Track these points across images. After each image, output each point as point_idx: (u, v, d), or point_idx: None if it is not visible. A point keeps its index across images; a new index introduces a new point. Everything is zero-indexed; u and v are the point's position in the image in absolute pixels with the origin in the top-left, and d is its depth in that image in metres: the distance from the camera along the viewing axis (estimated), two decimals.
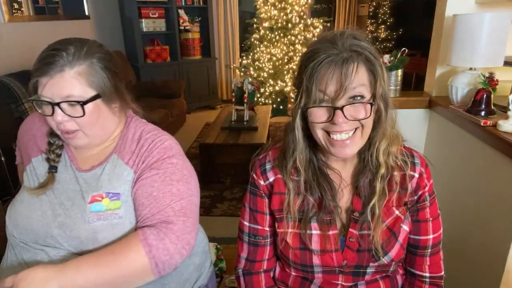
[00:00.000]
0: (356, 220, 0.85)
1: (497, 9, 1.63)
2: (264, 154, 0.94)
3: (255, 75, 5.06)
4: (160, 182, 0.90)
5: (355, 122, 0.77)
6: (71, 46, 0.85)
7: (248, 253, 0.97)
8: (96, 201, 0.90)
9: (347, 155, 0.80)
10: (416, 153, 0.90)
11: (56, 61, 0.83)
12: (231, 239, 1.34)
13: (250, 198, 0.95)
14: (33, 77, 0.85)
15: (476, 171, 1.46)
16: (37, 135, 1.00)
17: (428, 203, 0.89)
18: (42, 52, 0.86)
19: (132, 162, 0.93)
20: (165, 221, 0.86)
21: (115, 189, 0.91)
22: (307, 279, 0.92)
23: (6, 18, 3.02)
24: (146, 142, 0.95)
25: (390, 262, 0.87)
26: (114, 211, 0.89)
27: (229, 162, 3.10)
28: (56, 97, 0.84)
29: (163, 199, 0.89)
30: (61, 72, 0.83)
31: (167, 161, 0.92)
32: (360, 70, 0.74)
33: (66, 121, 0.86)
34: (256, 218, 0.94)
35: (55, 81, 0.83)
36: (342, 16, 6.47)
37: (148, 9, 4.76)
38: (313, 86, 0.75)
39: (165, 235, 0.84)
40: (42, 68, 0.83)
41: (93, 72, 0.87)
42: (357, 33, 0.77)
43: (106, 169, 0.94)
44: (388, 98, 0.79)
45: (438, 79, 1.79)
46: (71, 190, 0.93)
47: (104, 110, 0.91)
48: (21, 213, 0.93)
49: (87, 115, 0.86)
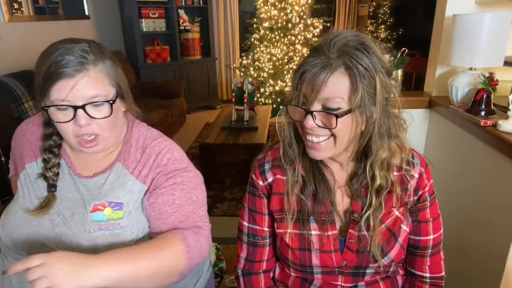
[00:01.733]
0: (356, 221, 0.85)
1: (497, 9, 1.63)
2: (263, 155, 0.94)
3: (255, 75, 5.06)
4: (180, 191, 0.89)
5: (326, 133, 0.77)
6: (83, 44, 0.81)
7: (247, 254, 0.97)
8: (98, 210, 0.87)
9: (319, 157, 0.81)
10: (415, 153, 0.89)
11: (72, 60, 0.77)
12: (231, 239, 1.34)
13: (249, 198, 0.95)
14: (46, 83, 0.78)
15: (476, 171, 1.46)
16: (31, 139, 0.95)
17: (428, 203, 0.89)
18: (48, 55, 0.78)
19: (137, 172, 0.91)
20: (195, 226, 0.88)
21: (118, 199, 0.89)
22: (307, 280, 0.92)
23: (6, 18, 3.02)
24: (153, 151, 0.92)
25: (390, 263, 0.87)
26: (116, 221, 0.87)
27: (229, 162, 3.10)
28: (79, 99, 0.79)
29: (187, 206, 0.89)
30: (86, 72, 0.78)
31: (182, 171, 0.91)
32: (337, 79, 0.72)
33: (88, 124, 0.81)
34: (255, 218, 0.94)
35: (80, 83, 0.78)
36: (342, 16, 6.48)
37: (148, 9, 4.76)
38: (293, 83, 0.78)
39: (199, 237, 0.86)
40: (60, 71, 0.76)
41: (112, 71, 0.84)
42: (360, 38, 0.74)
43: (110, 177, 0.90)
44: (370, 111, 0.75)
45: (438, 79, 1.79)
46: (70, 199, 0.90)
47: (120, 111, 0.89)
48: (15, 223, 0.89)
49: (112, 115, 0.84)
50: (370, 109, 0.75)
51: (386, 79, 0.76)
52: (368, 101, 0.74)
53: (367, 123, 0.77)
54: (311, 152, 0.81)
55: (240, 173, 3.05)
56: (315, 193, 0.86)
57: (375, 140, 0.79)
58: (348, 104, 0.74)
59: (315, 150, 0.80)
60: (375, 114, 0.76)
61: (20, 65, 2.93)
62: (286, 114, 0.83)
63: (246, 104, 3.44)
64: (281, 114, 0.86)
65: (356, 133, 0.79)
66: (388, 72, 0.77)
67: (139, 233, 0.89)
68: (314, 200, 0.86)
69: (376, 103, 0.74)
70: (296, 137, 0.86)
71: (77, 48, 0.79)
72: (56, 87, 0.77)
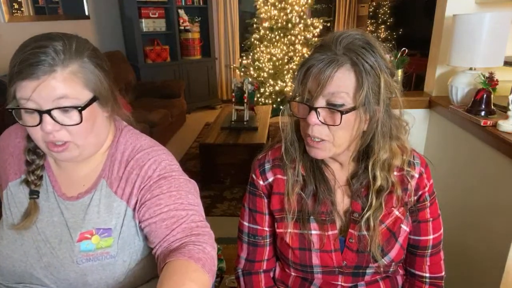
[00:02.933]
0: (356, 221, 0.85)
1: (497, 9, 1.63)
2: (263, 155, 0.94)
3: (255, 75, 5.06)
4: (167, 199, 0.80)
5: (326, 133, 0.77)
6: (58, 43, 0.72)
7: (247, 253, 0.97)
8: (85, 239, 0.80)
9: (319, 156, 0.81)
10: (415, 153, 0.89)
11: (44, 60, 0.69)
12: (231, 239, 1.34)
13: (249, 198, 0.95)
14: (13, 82, 0.71)
15: (476, 171, 1.46)
16: (15, 154, 0.86)
17: (428, 203, 0.89)
18: (20, 51, 0.72)
19: (121, 191, 0.83)
20: (192, 234, 0.78)
21: (106, 224, 0.81)
22: (307, 279, 0.92)
23: (6, 18, 3.02)
24: (136, 164, 0.83)
25: (390, 262, 0.87)
26: (105, 249, 0.80)
27: (229, 162, 3.10)
28: (45, 102, 0.70)
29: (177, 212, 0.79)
30: (52, 73, 0.70)
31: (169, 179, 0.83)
32: (343, 75, 0.73)
33: (56, 130, 0.72)
34: (256, 218, 0.94)
35: (45, 84, 0.69)
36: (342, 16, 6.48)
37: (148, 9, 4.76)
38: (297, 79, 0.77)
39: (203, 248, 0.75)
40: (27, 69, 0.69)
41: (87, 72, 0.74)
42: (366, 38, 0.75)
43: (94, 198, 0.83)
44: (373, 110, 0.75)
45: (438, 79, 1.79)
46: (56, 224, 0.82)
47: (99, 115, 0.79)
48: (1, 253, 0.81)
49: (84, 121, 0.74)
50: (374, 108, 0.75)
51: (390, 79, 0.76)
52: (373, 99, 0.74)
53: (369, 122, 0.77)
54: (311, 151, 0.81)
55: (240, 173, 3.05)
56: (316, 193, 0.86)
57: (377, 140, 0.79)
58: (353, 101, 0.74)
59: (316, 149, 0.80)
60: (378, 113, 0.76)
61: None
62: (289, 111, 0.83)
63: (246, 104, 3.44)
64: (284, 112, 0.86)
65: (358, 132, 0.79)
66: (391, 73, 0.78)
67: (131, 261, 0.83)
68: (314, 200, 0.86)
69: (379, 102, 0.75)
70: (297, 136, 0.86)
71: (50, 46, 0.71)
72: (21, 86, 0.70)
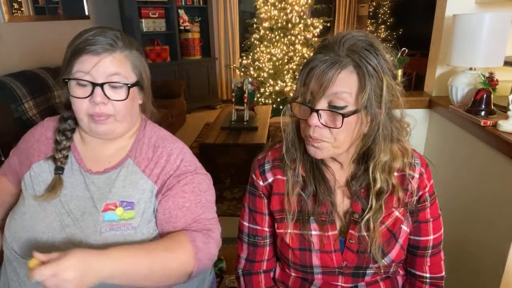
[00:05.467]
0: (356, 222, 0.85)
1: (497, 9, 1.63)
2: (263, 155, 0.94)
3: (255, 75, 5.06)
4: (190, 193, 0.89)
5: (326, 135, 0.76)
6: (117, 32, 0.86)
7: (247, 254, 0.97)
8: (110, 210, 0.86)
9: (318, 156, 0.81)
10: (416, 153, 0.89)
11: (105, 41, 0.82)
12: (231, 239, 1.34)
13: (249, 198, 0.95)
14: (74, 57, 0.82)
15: (476, 171, 1.46)
16: (40, 140, 0.95)
17: (429, 204, 0.89)
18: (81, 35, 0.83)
19: (149, 171, 0.90)
20: (204, 228, 0.87)
21: (130, 198, 0.87)
22: (307, 280, 0.92)
23: (6, 18, 3.02)
24: (165, 151, 0.92)
25: (390, 263, 0.87)
26: (127, 221, 0.86)
27: (229, 162, 3.10)
28: (100, 76, 0.82)
29: (196, 209, 0.88)
30: (112, 53, 0.83)
31: (193, 173, 0.92)
32: (347, 77, 0.73)
33: (104, 103, 0.83)
34: (256, 218, 0.94)
35: (104, 61, 0.82)
36: (342, 16, 6.47)
37: (148, 9, 4.77)
38: (299, 80, 0.77)
39: (208, 240, 0.85)
40: (89, 47, 0.81)
41: (136, 59, 0.89)
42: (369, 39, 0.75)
43: (121, 174, 0.90)
44: (375, 113, 0.75)
45: (438, 79, 1.79)
46: (80, 198, 0.88)
47: (136, 100, 0.91)
48: (23, 226, 0.87)
49: (128, 99, 0.85)
50: (376, 111, 0.75)
51: (392, 82, 0.76)
52: (375, 101, 0.74)
53: (370, 125, 0.77)
54: (311, 150, 0.80)
55: (240, 173, 3.05)
56: (315, 193, 0.86)
57: (378, 143, 0.79)
58: (355, 103, 0.74)
59: (316, 149, 0.79)
60: (379, 116, 0.76)
61: (20, 65, 2.93)
62: (290, 112, 0.83)
63: (246, 104, 3.44)
64: (285, 113, 0.86)
65: (359, 135, 0.78)
66: (394, 75, 0.77)
67: (149, 235, 0.88)
68: (314, 201, 0.86)
69: (381, 105, 0.74)
70: (298, 136, 0.86)
71: (109, 33, 0.84)
72: (81, 60, 0.81)
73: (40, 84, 2.92)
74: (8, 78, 2.70)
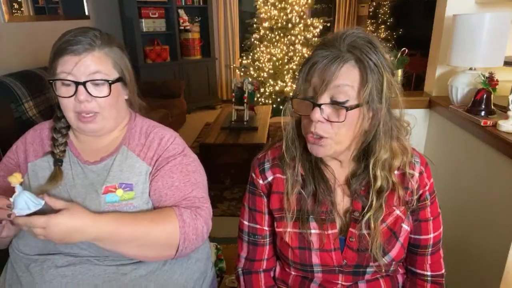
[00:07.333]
0: (356, 220, 0.85)
1: (497, 9, 1.63)
2: (263, 154, 0.94)
3: (255, 75, 5.05)
4: (179, 173, 0.94)
5: (328, 130, 0.76)
6: (96, 31, 0.90)
7: (247, 252, 0.97)
8: (110, 192, 0.90)
9: (320, 154, 0.81)
10: (415, 152, 0.89)
11: (84, 41, 0.86)
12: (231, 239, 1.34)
13: (249, 197, 0.95)
14: (56, 58, 0.87)
15: (476, 171, 1.46)
16: (35, 142, 0.99)
17: (429, 202, 0.89)
18: (63, 36, 0.88)
19: (143, 155, 0.95)
20: (192, 206, 0.91)
21: (128, 180, 0.92)
22: (307, 278, 0.92)
23: (6, 18, 3.02)
24: (156, 136, 0.98)
25: (391, 262, 0.87)
26: (128, 201, 0.90)
27: (229, 162, 3.10)
28: (81, 75, 0.86)
29: (185, 188, 0.93)
30: (91, 51, 0.87)
31: (181, 154, 0.97)
32: (349, 71, 0.73)
33: (88, 101, 0.88)
34: (255, 217, 0.94)
35: (84, 60, 0.86)
36: (342, 16, 6.47)
37: (148, 9, 4.76)
38: (300, 76, 0.77)
39: (196, 216, 0.89)
40: (69, 48, 0.85)
41: (117, 56, 0.92)
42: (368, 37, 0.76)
43: (117, 159, 0.94)
44: (376, 109, 0.76)
45: (438, 79, 1.79)
46: (80, 185, 0.92)
47: (121, 95, 0.95)
48: None
49: (111, 95, 0.89)
50: (377, 106, 0.76)
51: (391, 79, 0.77)
52: (376, 96, 0.75)
53: (372, 120, 0.78)
54: (313, 148, 0.80)
55: (240, 173, 3.05)
56: (315, 193, 0.86)
57: (378, 139, 0.79)
58: (357, 98, 0.74)
59: (318, 146, 0.79)
60: (380, 111, 0.76)
61: (20, 65, 2.93)
62: (291, 109, 0.83)
63: (246, 104, 3.44)
64: (285, 110, 0.86)
65: (360, 131, 0.79)
66: (393, 73, 0.78)
67: None
68: (314, 200, 0.86)
69: (382, 100, 0.75)
70: (298, 135, 0.86)
71: (89, 32, 0.89)
72: (63, 60, 0.86)
73: (40, 84, 2.91)
74: (8, 78, 2.70)
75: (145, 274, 0.91)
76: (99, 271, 0.88)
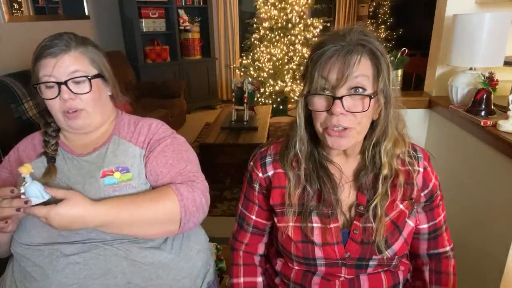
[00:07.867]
0: (361, 214, 0.86)
1: (497, 9, 1.63)
2: (266, 148, 0.95)
3: (255, 75, 5.05)
4: (171, 152, 0.99)
5: (352, 121, 0.78)
6: (70, 35, 0.95)
7: (235, 231, 1.05)
8: (108, 175, 0.94)
9: (343, 146, 0.81)
10: (418, 147, 0.92)
11: (60, 43, 0.91)
12: None
13: (245, 186, 0.99)
14: (36, 63, 0.92)
15: (476, 171, 1.46)
16: (27, 148, 1.03)
17: (439, 192, 0.93)
18: (41, 42, 0.94)
19: (135, 140, 1.00)
20: (188, 180, 0.95)
21: (124, 163, 0.96)
22: (310, 271, 0.93)
23: (6, 18, 3.02)
24: (145, 123, 1.03)
25: (393, 255, 0.87)
26: (127, 182, 0.94)
27: (229, 162, 3.10)
28: (62, 76, 0.91)
29: (179, 164, 0.98)
30: (67, 52, 0.92)
31: (171, 136, 1.03)
32: (364, 62, 0.76)
33: (72, 99, 0.92)
34: (247, 205, 0.99)
35: (62, 60, 0.91)
36: (342, 16, 6.48)
37: (148, 9, 4.76)
38: (315, 72, 0.77)
39: (193, 189, 0.93)
40: (47, 51, 0.90)
41: (93, 54, 0.97)
42: (366, 31, 0.79)
43: (109, 148, 0.98)
44: (389, 96, 0.80)
45: (438, 79, 1.79)
46: (77, 175, 0.95)
47: (103, 91, 1.00)
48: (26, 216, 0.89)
49: (92, 91, 0.94)
50: (390, 94, 0.79)
51: (391, 70, 0.80)
52: (388, 85, 0.79)
53: (384, 110, 0.81)
54: (335, 141, 0.80)
55: (240, 173, 3.01)
56: (320, 192, 0.86)
57: (388, 128, 0.82)
58: (372, 87, 0.78)
59: (340, 138, 0.79)
60: (390, 100, 0.80)
61: (20, 65, 2.93)
62: (304, 107, 0.83)
63: (246, 104, 3.44)
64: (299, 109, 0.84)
65: (371, 120, 0.82)
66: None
67: None
68: (318, 200, 0.87)
69: (391, 89, 0.79)
70: (306, 133, 0.86)
71: (64, 35, 0.94)
72: (42, 64, 0.91)
73: None
74: (8, 78, 2.70)
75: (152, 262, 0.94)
76: (110, 254, 0.91)
